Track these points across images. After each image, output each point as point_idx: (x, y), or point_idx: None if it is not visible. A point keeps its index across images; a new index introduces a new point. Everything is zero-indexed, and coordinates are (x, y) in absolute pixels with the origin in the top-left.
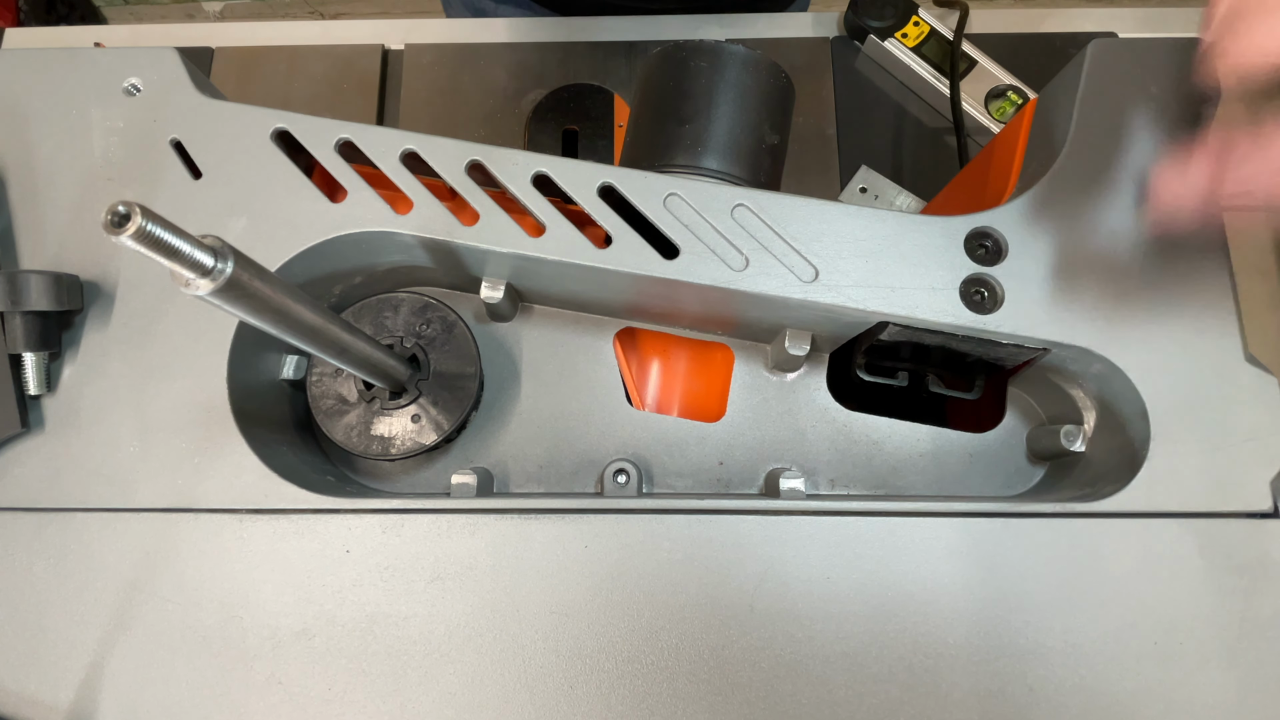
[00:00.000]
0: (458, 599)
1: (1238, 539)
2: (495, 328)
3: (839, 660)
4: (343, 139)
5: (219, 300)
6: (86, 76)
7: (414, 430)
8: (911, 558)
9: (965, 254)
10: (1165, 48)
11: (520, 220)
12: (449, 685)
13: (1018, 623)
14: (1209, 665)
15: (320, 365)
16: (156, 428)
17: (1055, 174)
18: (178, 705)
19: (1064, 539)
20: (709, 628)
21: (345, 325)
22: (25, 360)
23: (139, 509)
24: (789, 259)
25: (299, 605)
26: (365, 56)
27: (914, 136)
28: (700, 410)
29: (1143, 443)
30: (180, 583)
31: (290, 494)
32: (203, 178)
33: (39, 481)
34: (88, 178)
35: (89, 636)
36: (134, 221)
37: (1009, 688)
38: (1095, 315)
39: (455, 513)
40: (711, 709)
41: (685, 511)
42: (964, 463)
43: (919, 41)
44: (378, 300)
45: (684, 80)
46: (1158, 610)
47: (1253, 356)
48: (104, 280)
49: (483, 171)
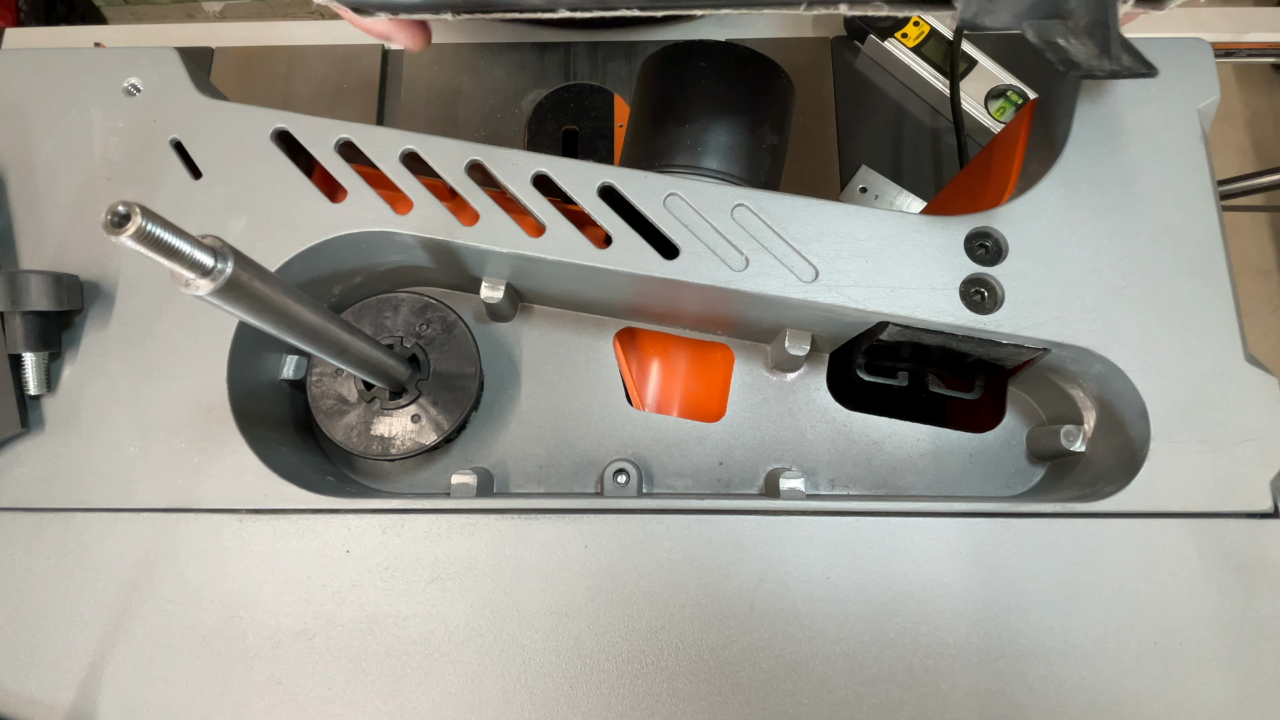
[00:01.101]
0: (458, 599)
1: (1238, 539)
2: (495, 328)
3: (839, 660)
4: (343, 139)
5: (219, 300)
6: (86, 76)
7: (414, 430)
8: (911, 558)
9: (965, 254)
10: (1165, 48)
11: (520, 220)
12: (449, 685)
13: (1018, 623)
14: (1209, 665)
15: (320, 365)
16: (156, 428)
17: (1055, 174)
18: (178, 705)
19: (1064, 539)
20: (709, 628)
21: (345, 325)
22: (25, 360)
23: (139, 509)
24: (789, 259)
25: (299, 605)
26: (365, 56)
27: (914, 136)
28: (700, 410)
29: (1143, 443)
30: (180, 583)
31: (290, 494)
32: (203, 178)
33: (39, 481)
34: (88, 178)
35: (89, 636)
36: (134, 221)
37: (1009, 688)
38: (1095, 315)
39: (455, 513)
40: (711, 709)
41: (685, 511)
42: (964, 463)
43: (919, 41)
44: (378, 300)
45: (684, 80)
46: (1158, 610)
47: (1253, 356)
48: (104, 280)
49: (483, 171)
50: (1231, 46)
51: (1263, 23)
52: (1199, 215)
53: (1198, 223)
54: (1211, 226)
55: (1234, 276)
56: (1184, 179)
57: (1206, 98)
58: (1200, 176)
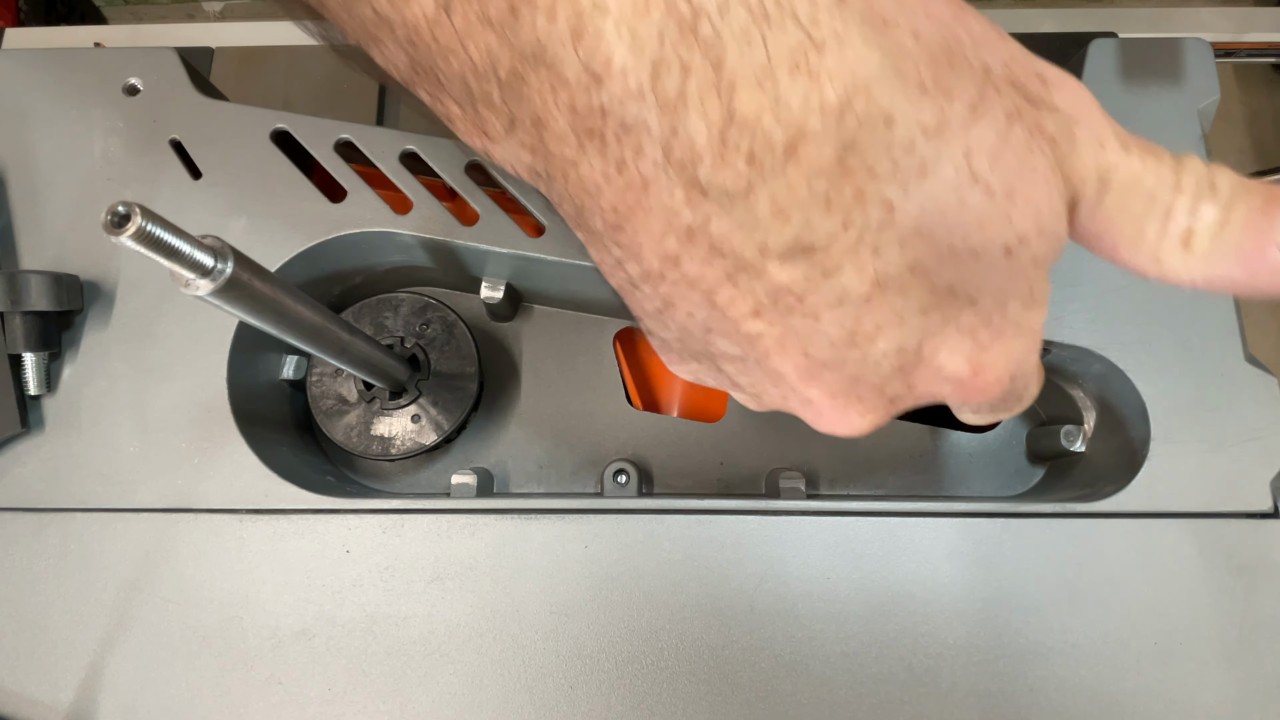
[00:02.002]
0: (458, 599)
1: (1238, 539)
2: (495, 328)
3: (839, 660)
4: (343, 139)
5: (219, 300)
6: (86, 76)
7: (414, 430)
8: (911, 558)
9: None
10: (1165, 48)
11: (520, 220)
12: (449, 685)
13: (1018, 623)
14: (1209, 665)
15: (320, 365)
16: (156, 428)
17: None
18: (178, 705)
19: (1064, 539)
20: (709, 628)
21: (345, 325)
22: (25, 360)
23: (139, 509)
24: None
25: (299, 605)
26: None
27: None
28: (700, 410)
29: (1143, 443)
30: (180, 583)
31: (290, 494)
32: (203, 178)
33: (39, 481)
34: (88, 178)
35: (89, 636)
36: (134, 222)
37: (1009, 688)
38: (1095, 315)
39: (455, 513)
40: (711, 709)
41: (685, 512)
42: (964, 463)
43: None
44: (378, 300)
45: None
46: (1158, 610)
47: (1253, 356)
48: (104, 280)
49: (482, 172)
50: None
51: (1263, 23)
52: None
53: None
54: None
55: None
56: None
57: (1206, 98)
58: None
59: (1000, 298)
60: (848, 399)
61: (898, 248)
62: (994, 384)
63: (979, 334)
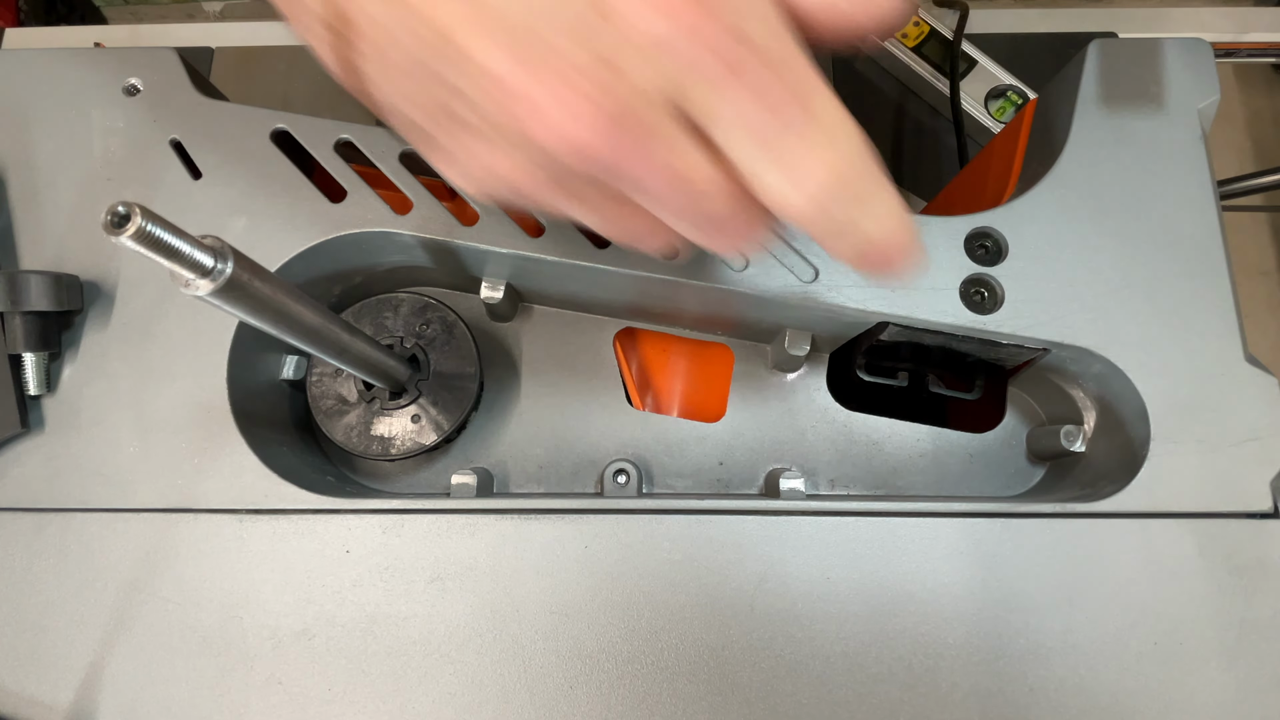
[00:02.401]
0: (458, 599)
1: (1238, 539)
2: (495, 328)
3: (839, 660)
4: (343, 139)
5: (219, 300)
6: (86, 76)
7: (414, 430)
8: (911, 558)
9: (965, 254)
10: (1165, 48)
11: (520, 220)
12: (449, 685)
13: (1018, 623)
14: (1209, 665)
15: (320, 365)
16: (156, 428)
17: (1055, 174)
18: (178, 705)
19: (1064, 539)
20: (709, 628)
21: (345, 325)
22: (25, 360)
23: (139, 509)
24: (789, 259)
25: (299, 605)
26: None
27: (914, 136)
28: (700, 410)
29: (1143, 443)
30: (180, 583)
31: (290, 494)
32: (203, 178)
33: (39, 481)
34: (88, 178)
35: (89, 636)
36: (134, 222)
37: (1009, 688)
38: (1095, 315)
39: (455, 513)
40: (711, 709)
41: (685, 512)
42: (964, 463)
43: (919, 41)
44: (378, 300)
45: None
46: (1158, 610)
47: (1253, 356)
48: (104, 280)
49: None
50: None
51: (1263, 23)
52: (1199, 215)
53: (1198, 223)
54: (1211, 227)
55: (1234, 277)
56: (1184, 179)
57: (1206, 98)
58: (1200, 177)
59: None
60: (544, 67)
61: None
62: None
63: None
